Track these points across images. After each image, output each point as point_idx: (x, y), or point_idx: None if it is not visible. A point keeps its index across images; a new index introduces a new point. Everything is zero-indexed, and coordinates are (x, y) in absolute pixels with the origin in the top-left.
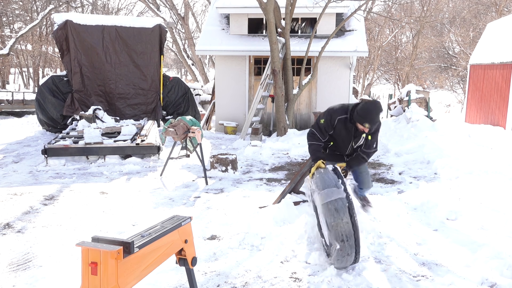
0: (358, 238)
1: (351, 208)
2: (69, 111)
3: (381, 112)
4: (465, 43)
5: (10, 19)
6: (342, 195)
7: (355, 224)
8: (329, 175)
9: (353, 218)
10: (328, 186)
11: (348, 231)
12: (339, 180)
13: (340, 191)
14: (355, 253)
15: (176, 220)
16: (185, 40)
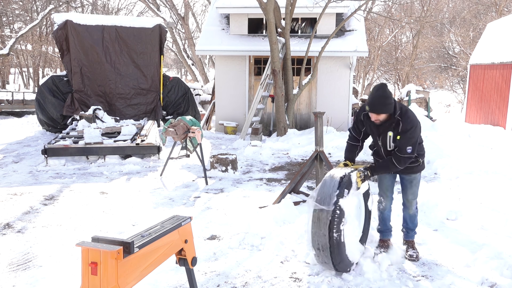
0: (336, 253)
1: (333, 223)
2: (69, 111)
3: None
4: (465, 43)
5: (10, 19)
6: (328, 207)
7: (333, 239)
8: (331, 182)
9: (332, 233)
10: (323, 194)
11: (324, 243)
12: (338, 190)
13: (330, 202)
14: (333, 264)
15: (176, 220)
16: (185, 40)
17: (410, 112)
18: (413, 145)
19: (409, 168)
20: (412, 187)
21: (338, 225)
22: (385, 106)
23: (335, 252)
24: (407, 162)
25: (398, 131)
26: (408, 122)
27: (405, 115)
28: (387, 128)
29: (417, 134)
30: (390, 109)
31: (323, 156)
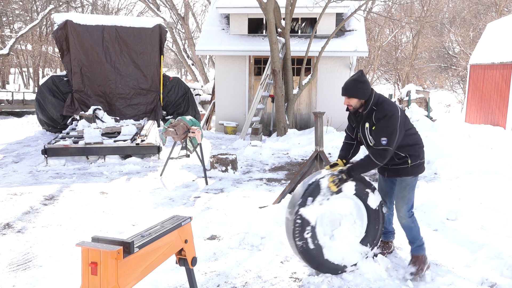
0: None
1: (295, 232)
2: (69, 111)
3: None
4: (465, 43)
5: (10, 19)
6: (290, 216)
7: (299, 247)
8: (300, 190)
9: (296, 241)
10: (291, 203)
11: (294, 250)
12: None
13: (292, 211)
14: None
15: (176, 220)
16: (185, 40)
17: (388, 101)
18: (389, 136)
19: (396, 169)
20: (401, 192)
21: (301, 234)
22: (355, 89)
23: (306, 258)
24: (385, 157)
25: (373, 121)
26: (382, 110)
27: (380, 104)
28: (363, 118)
29: (393, 124)
30: (361, 94)
31: (323, 156)
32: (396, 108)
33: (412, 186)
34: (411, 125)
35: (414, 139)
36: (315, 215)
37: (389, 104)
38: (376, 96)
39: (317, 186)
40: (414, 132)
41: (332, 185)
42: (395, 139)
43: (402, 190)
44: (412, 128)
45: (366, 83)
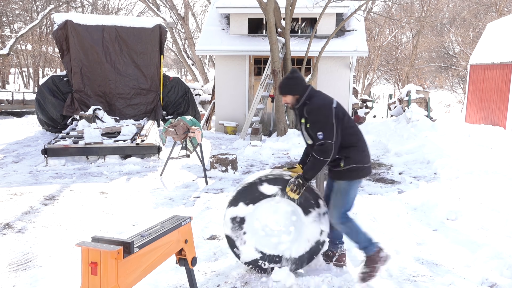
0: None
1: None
2: (69, 111)
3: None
4: (465, 43)
5: (10, 19)
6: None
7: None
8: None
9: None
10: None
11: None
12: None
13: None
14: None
15: (176, 220)
16: (185, 40)
17: (321, 96)
18: (323, 129)
19: (332, 171)
20: (334, 196)
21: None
22: (286, 86)
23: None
24: (327, 151)
25: (305, 115)
26: (312, 103)
27: (312, 98)
28: (299, 114)
29: (324, 116)
30: (292, 90)
31: None
32: (328, 101)
33: (345, 191)
34: (351, 125)
35: (350, 141)
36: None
37: (320, 98)
38: (312, 92)
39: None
40: (352, 133)
41: (291, 193)
42: (332, 131)
43: (335, 195)
44: (351, 128)
45: (297, 79)
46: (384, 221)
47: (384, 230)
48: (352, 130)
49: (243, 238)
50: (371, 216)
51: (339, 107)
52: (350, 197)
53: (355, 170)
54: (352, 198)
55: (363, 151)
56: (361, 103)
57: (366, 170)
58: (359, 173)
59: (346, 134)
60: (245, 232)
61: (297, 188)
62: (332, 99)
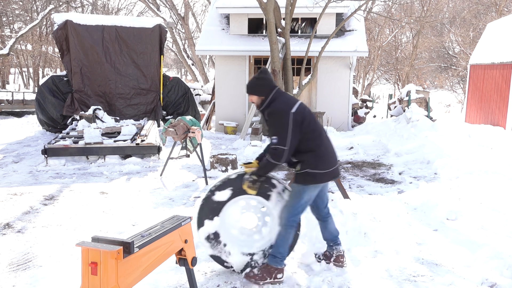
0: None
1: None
2: (69, 111)
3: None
4: (465, 43)
5: (10, 19)
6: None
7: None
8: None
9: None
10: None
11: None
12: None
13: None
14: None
15: (176, 220)
16: (185, 40)
17: (283, 99)
18: (278, 134)
19: (295, 174)
20: (290, 197)
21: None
22: (253, 86)
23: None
24: (279, 156)
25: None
26: (272, 106)
27: (274, 101)
28: (263, 116)
29: (281, 122)
30: (258, 91)
31: None
32: (287, 106)
33: (298, 194)
34: (311, 130)
35: (307, 146)
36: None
37: (282, 102)
38: (276, 94)
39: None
40: (311, 138)
41: (247, 188)
42: (285, 137)
43: (291, 196)
44: (310, 133)
45: (264, 80)
46: (384, 221)
47: (384, 230)
48: (311, 135)
49: (226, 250)
50: (371, 216)
51: (300, 111)
52: (303, 201)
53: (310, 175)
54: (304, 203)
55: (322, 157)
56: (361, 103)
57: (325, 175)
58: (315, 179)
59: (304, 139)
60: (225, 244)
61: (252, 184)
62: (294, 103)
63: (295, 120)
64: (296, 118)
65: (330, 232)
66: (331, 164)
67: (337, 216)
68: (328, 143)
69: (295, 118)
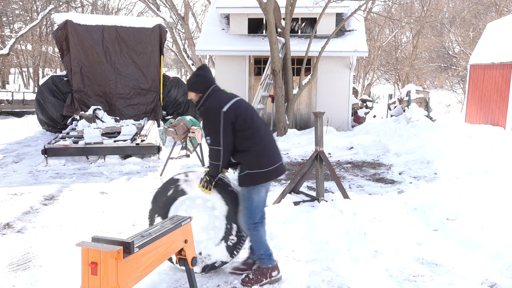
0: None
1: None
2: (69, 111)
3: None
4: (465, 43)
5: (10, 19)
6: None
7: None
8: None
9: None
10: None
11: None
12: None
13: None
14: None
15: (176, 220)
16: (185, 40)
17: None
18: (209, 134)
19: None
20: (242, 202)
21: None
22: (191, 83)
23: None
24: (216, 156)
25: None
26: (204, 104)
27: (208, 99)
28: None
29: (210, 121)
30: (196, 88)
31: (323, 156)
32: (219, 104)
33: (246, 198)
34: (244, 128)
35: (242, 145)
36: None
37: (213, 100)
38: (211, 92)
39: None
40: (245, 137)
41: (203, 189)
42: (218, 137)
43: (242, 201)
44: (243, 132)
45: (201, 77)
46: (384, 221)
47: (384, 230)
48: (245, 133)
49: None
50: (371, 216)
51: (233, 109)
52: (254, 204)
53: (251, 176)
54: (257, 205)
55: (259, 156)
56: (361, 103)
57: (266, 174)
58: (257, 179)
59: (238, 138)
60: (200, 252)
61: (207, 184)
62: (227, 102)
63: (226, 119)
64: (227, 117)
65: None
66: (271, 162)
67: (337, 216)
68: (267, 141)
69: (226, 117)
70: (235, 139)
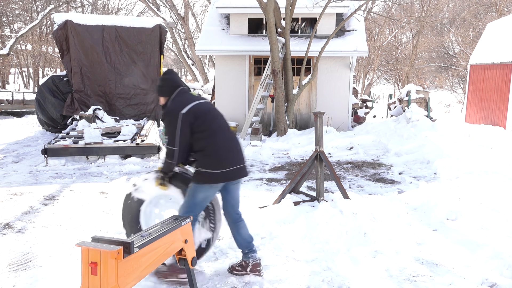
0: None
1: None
2: (69, 111)
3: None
4: (465, 43)
5: (10, 19)
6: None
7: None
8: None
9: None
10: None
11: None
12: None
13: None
14: None
15: (176, 220)
16: (185, 40)
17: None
18: (168, 135)
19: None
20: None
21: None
22: (158, 87)
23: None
24: (172, 156)
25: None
26: (167, 107)
27: (171, 101)
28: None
29: (170, 122)
30: (162, 92)
31: (323, 156)
32: (180, 107)
33: (191, 193)
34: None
35: (198, 145)
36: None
37: (176, 102)
38: (176, 94)
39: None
40: (201, 138)
41: (159, 186)
42: (175, 138)
43: (186, 196)
44: (200, 133)
45: (166, 81)
46: (384, 221)
47: (384, 230)
48: (201, 134)
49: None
50: (371, 216)
51: (193, 111)
52: (196, 201)
53: (201, 174)
54: (198, 203)
55: (211, 156)
56: (361, 103)
57: (217, 176)
58: (206, 178)
59: (195, 139)
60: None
61: (161, 181)
62: (187, 104)
63: (185, 120)
64: (185, 119)
65: (243, 237)
66: (224, 164)
67: (337, 216)
68: (225, 144)
69: (185, 119)
70: (193, 140)
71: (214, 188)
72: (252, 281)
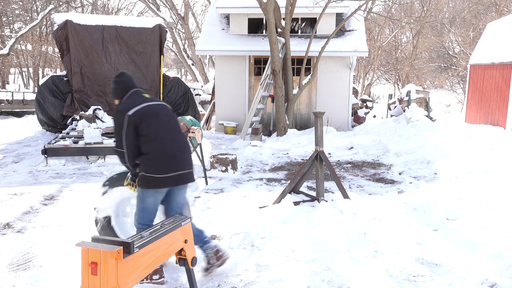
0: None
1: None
2: (69, 111)
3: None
4: (465, 43)
5: (10, 19)
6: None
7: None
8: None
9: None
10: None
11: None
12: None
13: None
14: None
15: (176, 220)
16: (185, 40)
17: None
18: (115, 136)
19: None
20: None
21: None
22: (112, 90)
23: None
24: (122, 158)
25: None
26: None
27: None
28: None
29: (116, 124)
30: (115, 95)
31: (323, 156)
32: (128, 108)
33: (139, 198)
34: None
35: (143, 149)
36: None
37: (124, 103)
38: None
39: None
40: (145, 141)
41: (130, 187)
42: (121, 140)
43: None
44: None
45: (118, 83)
46: (384, 221)
47: (384, 230)
48: (145, 138)
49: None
50: (371, 216)
51: (140, 114)
52: (146, 206)
53: (144, 179)
54: (148, 208)
55: (153, 160)
56: (361, 103)
57: (159, 180)
58: (150, 183)
59: (141, 142)
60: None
61: (131, 181)
62: (135, 106)
63: (130, 122)
64: (131, 120)
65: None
66: (168, 169)
67: (337, 216)
68: (170, 149)
69: (131, 120)
70: (140, 142)
71: (160, 192)
72: (252, 281)
